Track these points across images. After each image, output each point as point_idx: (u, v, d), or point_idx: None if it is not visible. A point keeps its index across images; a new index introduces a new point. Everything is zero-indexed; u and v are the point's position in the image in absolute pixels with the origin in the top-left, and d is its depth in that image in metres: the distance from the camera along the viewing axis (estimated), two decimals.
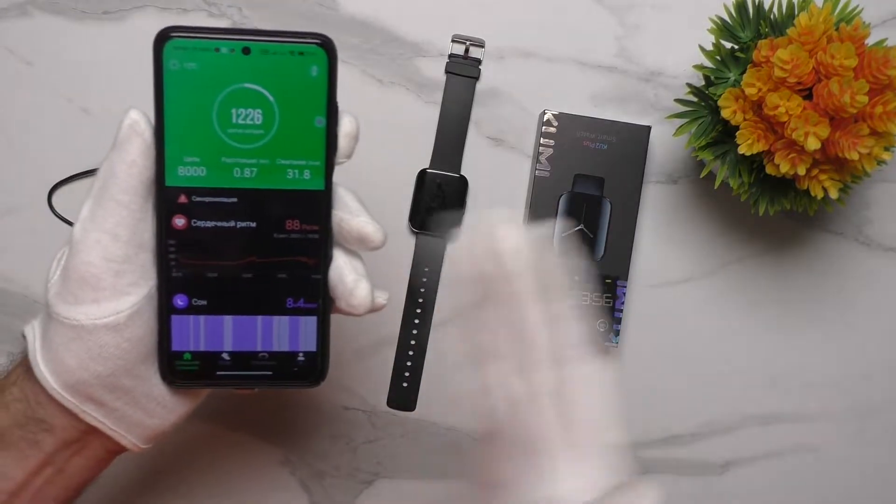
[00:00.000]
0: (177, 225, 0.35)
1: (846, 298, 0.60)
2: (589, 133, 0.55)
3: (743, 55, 0.49)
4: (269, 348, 0.37)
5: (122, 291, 0.35)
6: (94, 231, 0.34)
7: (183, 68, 0.34)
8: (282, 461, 0.58)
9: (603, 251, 0.56)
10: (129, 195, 0.34)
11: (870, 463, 0.60)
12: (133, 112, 0.34)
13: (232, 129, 0.35)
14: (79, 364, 0.35)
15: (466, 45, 0.57)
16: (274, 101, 0.35)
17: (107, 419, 0.36)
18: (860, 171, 0.48)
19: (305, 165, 0.36)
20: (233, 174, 0.35)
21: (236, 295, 0.37)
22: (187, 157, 0.35)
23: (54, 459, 0.37)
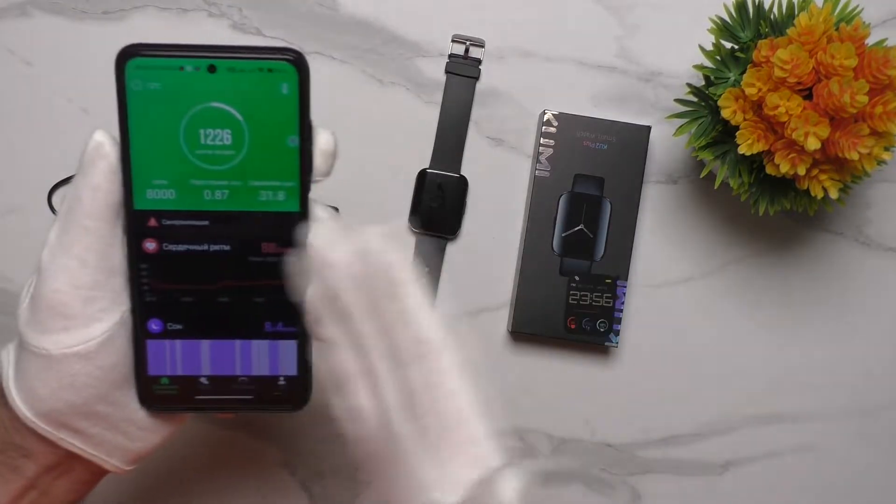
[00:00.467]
0: (148, 249, 0.34)
1: (846, 298, 0.60)
2: (589, 133, 0.55)
3: (743, 55, 0.49)
4: (248, 372, 0.36)
5: (93, 318, 0.34)
6: (62, 257, 0.33)
7: (146, 88, 0.33)
8: (282, 462, 0.58)
9: (603, 251, 0.56)
10: (95, 220, 0.33)
11: (870, 463, 0.60)
12: (98, 134, 0.34)
13: (200, 150, 0.33)
14: (50, 393, 0.34)
15: (466, 45, 0.57)
16: (243, 121, 0.33)
17: (85, 445, 0.36)
18: (860, 171, 0.48)
19: (279, 186, 0.34)
20: (203, 196, 0.34)
21: (213, 319, 0.36)
22: (155, 179, 0.34)
23: (37, 483, 0.36)
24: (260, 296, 0.35)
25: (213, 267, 0.35)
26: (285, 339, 0.36)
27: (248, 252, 0.35)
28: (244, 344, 0.36)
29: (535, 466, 0.60)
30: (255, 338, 0.36)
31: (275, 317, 0.36)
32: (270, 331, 0.36)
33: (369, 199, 0.57)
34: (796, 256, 0.59)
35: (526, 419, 0.59)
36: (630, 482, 0.60)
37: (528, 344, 0.58)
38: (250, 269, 0.35)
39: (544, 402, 0.59)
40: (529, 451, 0.59)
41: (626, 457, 0.59)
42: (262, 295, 0.35)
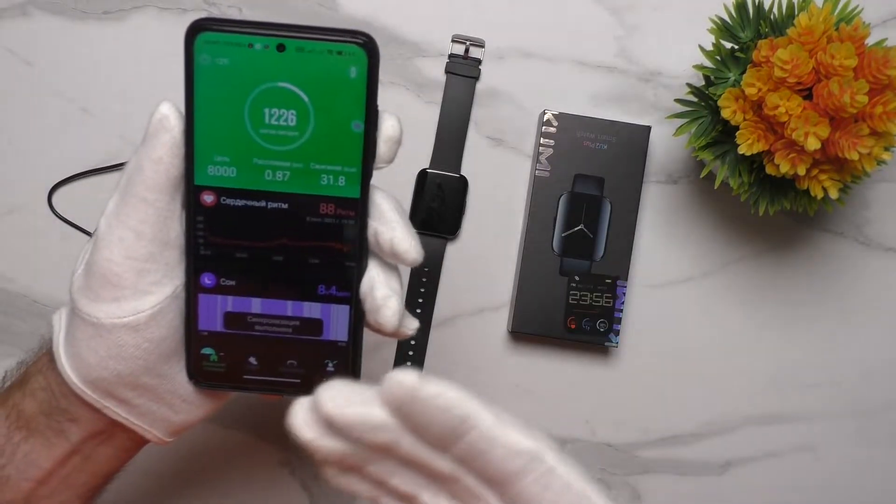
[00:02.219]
0: (205, 202, 0.34)
1: (846, 298, 0.60)
2: (589, 133, 0.55)
3: (743, 55, 0.49)
4: (298, 335, 0.36)
5: (144, 291, 0.34)
6: (118, 228, 0.33)
7: (214, 63, 0.32)
8: (282, 461, 0.58)
9: (603, 251, 0.56)
10: (155, 193, 0.33)
11: (870, 463, 0.60)
12: (164, 106, 0.33)
13: (264, 129, 0.33)
14: (98, 362, 0.34)
15: (466, 45, 0.57)
16: (309, 102, 0.33)
17: (129, 415, 0.36)
18: (860, 171, 0.48)
19: (341, 171, 0.34)
20: (264, 176, 0.34)
21: (266, 277, 0.35)
22: (218, 155, 0.33)
23: (81, 448, 0.36)
24: (315, 257, 0.35)
25: (269, 224, 0.34)
26: (338, 303, 0.36)
27: (306, 212, 0.34)
28: (296, 305, 0.36)
29: None
30: (308, 300, 0.36)
31: (329, 280, 0.35)
32: (323, 293, 0.35)
33: None
34: (796, 256, 0.59)
35: (526, 419, 0.59)
36: (630, 482, 0.60)
37: (528, 344, 0.58)
38: (307, 230, 0.34)
39: (544, 402, 0.59)
40: None
41: (626, 457, 0.59)
42: (318, 256, 0.35)
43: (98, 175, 0.57)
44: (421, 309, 0.57)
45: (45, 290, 0.57)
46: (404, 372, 0.30)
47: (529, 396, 0.59)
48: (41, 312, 0.57)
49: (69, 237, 0.56)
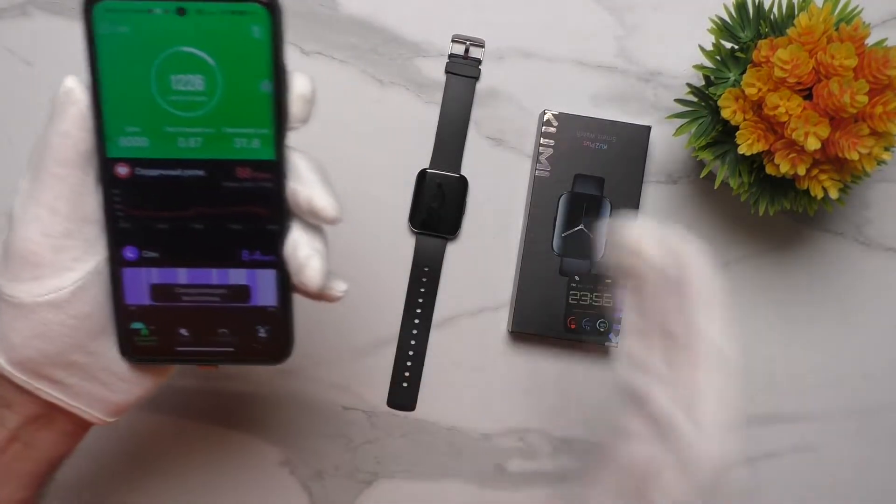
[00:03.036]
0: (120, 174, 0.34)
1: (846, 298, 0.60)
2: (589, 133, 0.55)
3: (743, 55, 0.49)
4: (226, 302, 0.36)
5: (65, 267, 0.33)
6: (32, 206, 0.33)
7: (115, 32, 0.32)
8: (282, 461, 0.58)
9: (603, 251, 0.56)
10: (66, 168, 0.33)
11: (870, 463, 0.60)
12: (69, 79, 0.33)
13: (173, 95, 0.33)
14: (23, 342, 0.34)
15: (466, 45, 0.57)
16: (215, 66, 0.33)
17: (64, 395, 0.35)
18: (860, 171, 0.48)
19: (254, 134, 0.33)
20: (177, 144, 0.33)
21: (188, 246, 0.35)
22: (128, 126, 0.33)
23: (20, 435, 0.36)
24: (236, 223, 0.35)
25: (186, 193, 0.34)
26: (263, 267, 0.35)
27: (223, 177, 0.34)
28: (220, 272, 0.35)
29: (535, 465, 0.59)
30: (233, 266, 0.35)
31: (252, 245, 0.35)
32: (248, 259, 0.35)
33: (369, 199, 0.57)
34: (796, 256, 0.59)
35: (526, 419, 0.59)
36: None
37: (529, 344, 0.58)
38: (225, 195, 0.34)
39: (544, 402, 0.59)
40: (529, 451, 0.59)
41: None
42: (239, 222, 0.35)
43: None
44: (421, 309, 0.57)
45: None
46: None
47: (529, 396, 0.59)
48: None
49: None
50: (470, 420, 0.59)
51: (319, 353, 0.57)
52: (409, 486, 0.59)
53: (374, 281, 0.57)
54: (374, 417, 0.58)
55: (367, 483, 0.59)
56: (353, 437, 0.58)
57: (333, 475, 0.58)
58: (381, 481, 0.59)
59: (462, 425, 0.59)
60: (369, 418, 0.58)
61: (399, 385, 0.58)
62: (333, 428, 0.58)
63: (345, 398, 0.58)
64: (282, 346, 0.37)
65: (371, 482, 0.59)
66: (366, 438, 0.58)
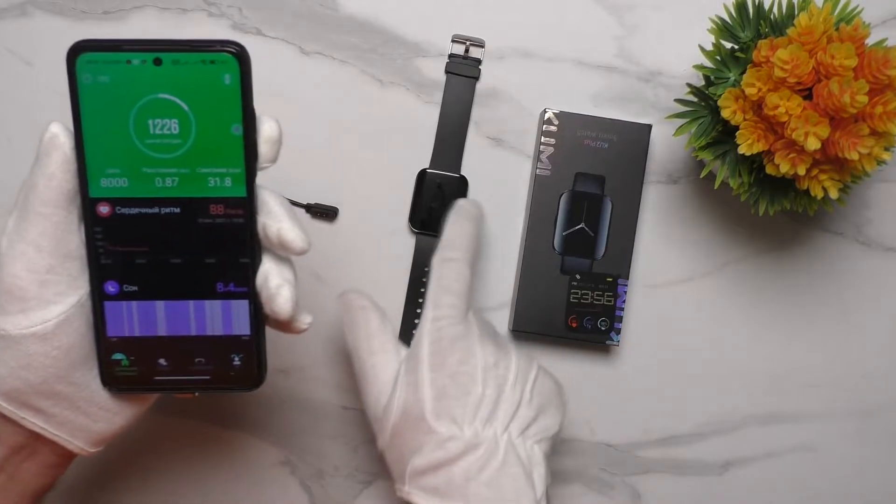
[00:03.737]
0: (101, 212, 0.36)
1: (846, 298, 0.60)
2: (590, 131, 0.56)
3: (743, 55, 0.49)
4: (203, 332, 0.38)
5: (49, 301, 0.35)
6: (19, 243, 0.35)
7: (96, 81, 0.35)
8: (282, 461, 0.58)
9: (604, 250, 0.56)
10: (50, 207, 0.35)
11: (870, 463, 0.60)
12: (53, 125, 0.35)
13: (150, 139, 0.35)
14: (9, 372, 0.35)
15: (466, 45, 0.57)
16: (189, 111, 0.35)
17: (47, 425, 0.36)
18: (860, 171, 0.48)
19: (226, 173, 0.36)
20: (155, 183, 0.36)
21: (166, 280, 0.37)
22: (109, 168, 0.35)
23: (4, 467, 0.37)
24: (211, 256, 0.37)
25: (164, 229, 0.36)
26: (237, 298, 0.38)
27: (198, 214, 0.36)
28: (198, 304, 0.38)
29: None
30: (208, 298, 0.38)
31: (226, 277, 0.37)
32: (222, 291, 0.38)
33: (369, 199, 0.57)
34: (796, 256, 0.59)
35: None
36: (630, 482, 0.60)
37: (529, 343, 0.58)
38: (200, 231, 0.37)
39: None
40: None
41: (626, 457, 0.59)
42: (213, 255, 0.37)
43: None
44: (421, 309, 0.57)
45: None
46: None
47: None
48: None
49: None
50: None
51: (319, 353, 0.57)
52: None
53: (374, 281, 0.57)
54: None
55: (367, 483, 0.58)
56: (353, 437, 0.58)
57: (333, 475, 0.58)
58: (381, 481, 0.58)
59: None
60: None
61: None
62: (333, 428, 0.58)
63: (345, 398, 0.58)
64: (255, 373, 0.39)
65: (371, 482, 0.58)
66: (366, 438, 0.58)
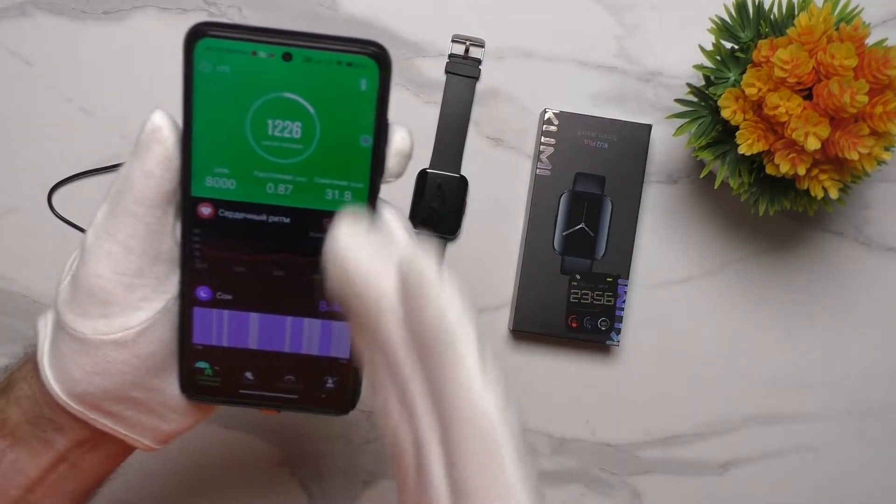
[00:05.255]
0: (203, 214, 0.32)
1: (846, 298, 0.60)
2: (590, 131, 0.56)
3: (743, 55, 0.49)
4: (297, 350, 0.35)
5: (133, 307, 0.33)
6: (107, 241, 0.32)
7: (215, 71, 0.31)
8: (282, 461, 0.58)
9: (604, 250, 0.56)
10: (145, 207, 0.32)
11: (870, 463, 0.60)
12: (157, 116, 0.31)
13: (267, 141, 0.31)
14: (84, 377, 0.33)
15: (466, 45, 0.57)
16: (315, 115, 0.31)
17: (117, 426, 0.35)
18: (860, 171, 0.48)
19: (347, 186, 0.32)
20: (266, 189, 0.32)
21: (265, 292, 0.34)
22: (217, 167, 0.32)
23: (68, 457, 0.36)
24: (317, 273, 0.33)
25: (269, 239, 0.33)
26: (340, 319, 0.34)
27: (309, 227, 0.33)
28: (296, 321, 0.34)
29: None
30: (309, 316, 0.34)
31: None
32: (325, 310, 0.34)
33: None
34: (796, 256, 0.59)
35: (526, 419, 0.59)
36: (630, 482, 0.60)
37: (529, 343, 0.58)
38: (309, 245, 0.33)
39: (544, 402, 0.59)
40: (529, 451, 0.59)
41: (626, 457, 0.59)
42: (320, 272, 0.32)
43: (98, 175, 0.57)
44: None
45: (45, 290, 0.57)
46: (428, 254, 0.28)
47: (530, 395, 0.59)
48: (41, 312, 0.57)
49: (69, 237, 0.56)
50: None
51: None
52: None
53: None
54: (373, 417, 0.58)
55: (366, 483, 0.58)
56: (352, 438, 0.58)
57: (333, 475, 0.58)
58: (381, 481, 0.58)
59: None
60: (369, 418, 0.58)
61: None
62: (333, 428, 0.58)
63: None
64: (347, 399, 0.36)
65: (371, 482, 0.58)
66: (366, 438, 0.58)
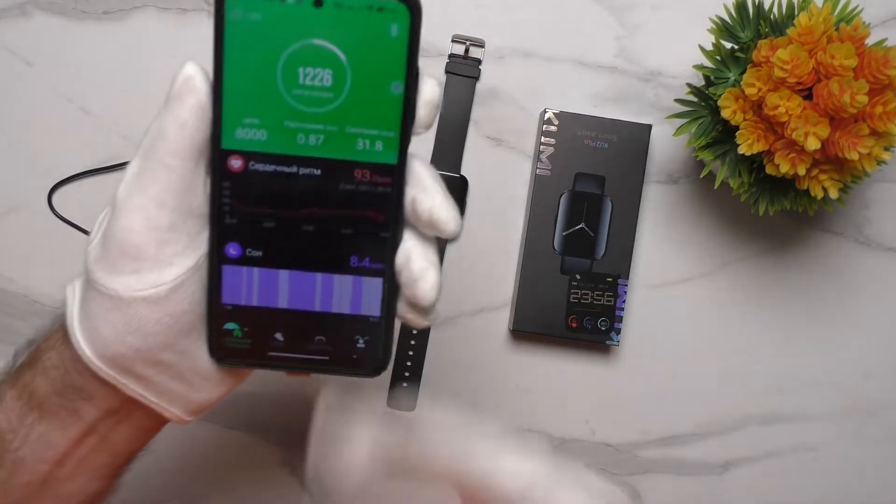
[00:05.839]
0: (233, 167, 0.32)
1: (846, 298, 0.60)
2: (590, 131, 0.56)
3: (743, 55, 0.49)
4: (328, 309, 0.34)
5: (166, 262, 0.32)
6: (139, 196, 0.31)
7: (246, 19, 0.30)
8: (282, 461, 0.58)
9: (604, 250, 0.56)
10: (179, 159, 0.31)
11: (870, 463, 0.60)
12: (189, 66, 0.31)
13: (298, 90, 0.31)
14: (115, 336, 0.32)
15: (466, 45, 0.57)
16: (346, 62, 0.31)
17: (147, 392, 0.34)
18: (860, 171, 0.48)
19: (378, 136, 0.32)
20: (296, 140, 0.32)
21: (295, 248, 0.33)
22: (247, 118, 0.31)
23: (97, 428, 0.35)
24: (348, 227, 0.33)
25: (300, 192, 0.32)
26: (371, 276, 0.33)
27: (340, 179, 0.32)
28: (326, 278, 0.33)
29: None
30: (339, 272, 0.33)
31: (362, 251, 0.33)
32: (356, 266, 0.33)
33: None
34: (796, 256, 0.59)
35: (526, 419, 0.59)
36: (630, 482, 0.60)
37: (529, 343, 0.58)
38: (340, 197, 0.32)
39: (544, 402, 0.59)
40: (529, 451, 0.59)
41: (626, 457, 0.59)
42: (351, 226, 0.33)
43: (98, 175, 0.57)
44: None
45: (45, 290, 0.57)
46: None
47: (529, 396, 0.59)
48: (41, 312, 0.57)
49: (69, 237, 0.56)
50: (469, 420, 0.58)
51: None
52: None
53: None
54: None
55: None
56: None
57: None
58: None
59: None
60: None
61: (399, 385, 0.58)
62: None
63: None
64: (379, 360, 0.35)
65: None
66: None
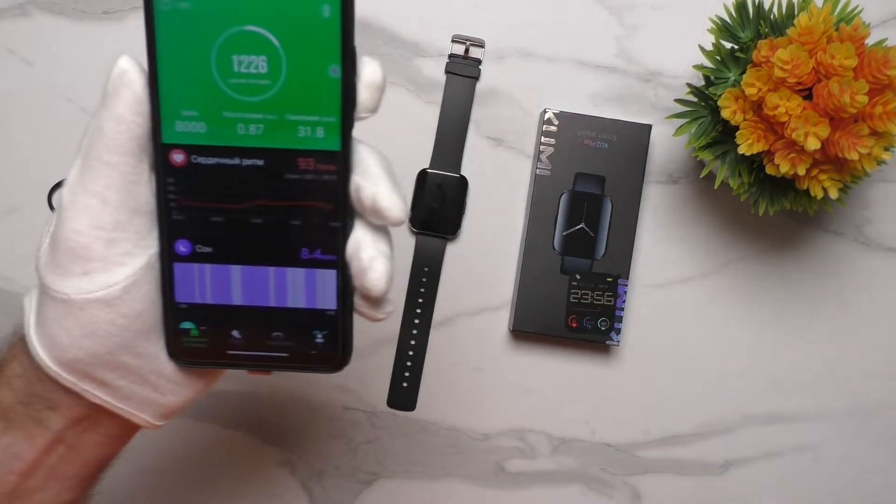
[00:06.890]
0: (175, 161, 0.31)
1: (846, 298, 0.60)
2: (590, 132, 0.56)
3: (743, 55, 0.49)
4: (283, 304, 0.33)
5: (116, 262, 0.31)
6: (82, 195, 0.31)
7: (175, 8, 0.30)
8: (282, 461, 0.58)
9: (604, 250, 0.56)
10: (119, 155, 0.30)
11: (870, 463, 0.60)
12: (122, 60, 0.31)
13: (234, 78, 0.30)
14: (72, 341, 0.32)
15: (466, 45, 0.57)
16: (280, 47, 0.30)
17: (111, 398, 0.33)
18: (860, 171, 0.48)
19: (319, 122, 0.31)
20: (236, 130, 0.31)
21: (245, 242, 0.32)
22: (185, 110, 0.31)
23: (65, 437, 0.34)
24: (296, 218, 0.32)
25: (245, 184, 0.32)
26: (324, 267, 0.33)
27: (284, 168, 0.31)
28: (279, 271, 0.33)
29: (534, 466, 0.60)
30: (291, 265, 0.33)
31: (313, 242, 0.33)
32: (308, 258, 0.33)
33: None
34: (796, 256, 0.59)
35: (526, 419, 0.59)
36: (630, 482, 0.60)
37: (529, 343, 0.58)
38: (286, 188, 0.32)
39: (544, 402, 0.59)
40: (529, 451, 0.59)
41: (626, 457, 0.59)
42: (299, 217, 0.32)
43: None
44: (421, 309, 0.57)
45: None
46: None
47: (530, 396, 0.59)
48: None
49: None
50: (470, 420, 0.59)
51: None
52: (410, 486, 0.59)
53: None
54: (374, 417, 0.58)
55: (367, 483, 0.58)
56: (353, 437, 0.58)
57: (333, 475, 0.58)
58: (381, 481, 0.58)
59: (462, 425, 0.59)
60: (369, 418, 0.58)
61: (399, 385, 0.58)
62: (333, 428, 0.58)
63: (345, 398, 0.58)
64: (340, 354, 0.34)
65: (371, 482, 0.58)
66: (366, 438, 0.58)
